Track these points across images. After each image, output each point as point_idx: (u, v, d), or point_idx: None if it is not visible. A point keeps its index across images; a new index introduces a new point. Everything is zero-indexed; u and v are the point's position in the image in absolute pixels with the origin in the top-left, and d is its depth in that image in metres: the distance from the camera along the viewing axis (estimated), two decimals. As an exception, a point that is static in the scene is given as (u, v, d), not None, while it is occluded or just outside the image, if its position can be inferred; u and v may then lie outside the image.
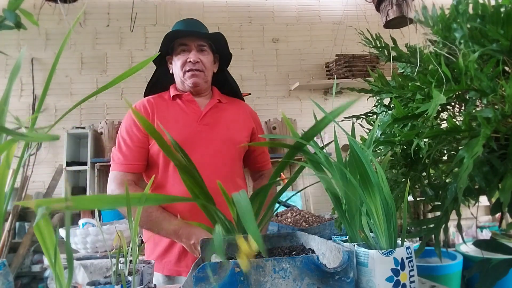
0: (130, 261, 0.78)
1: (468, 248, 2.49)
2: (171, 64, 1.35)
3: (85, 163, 2.99)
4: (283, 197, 3.11)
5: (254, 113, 1.45)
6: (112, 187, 1.19)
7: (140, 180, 1.27)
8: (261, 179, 1.44)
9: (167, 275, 1.22)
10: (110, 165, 1.27)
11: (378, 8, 2.60)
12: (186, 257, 1.19)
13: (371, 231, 0.68)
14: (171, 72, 1.37)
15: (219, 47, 1.34)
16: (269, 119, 3.30)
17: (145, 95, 1.41)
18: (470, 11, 0.74)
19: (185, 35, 1.28)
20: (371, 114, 1.01)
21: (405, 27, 2.58)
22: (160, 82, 1.40)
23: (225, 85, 1.43)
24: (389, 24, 2.56)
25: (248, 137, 1.34)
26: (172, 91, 1.34)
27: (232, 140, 1.28)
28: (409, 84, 0.79)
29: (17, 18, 0.51)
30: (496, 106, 0.66)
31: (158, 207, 1.16)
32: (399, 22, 2.53)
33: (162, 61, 1.36)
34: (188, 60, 1.26)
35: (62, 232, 1.60)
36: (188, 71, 1.27)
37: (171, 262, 1.20)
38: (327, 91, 3.62)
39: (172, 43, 1.31)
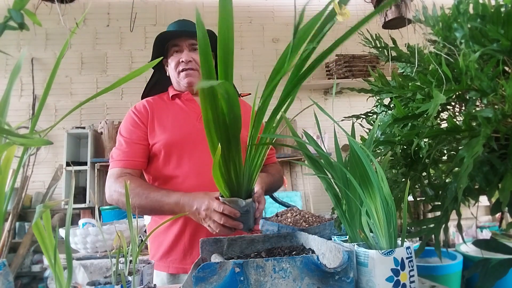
0: (130, 261, 0.78)
1: (468, 248, 2.49)
2: (168, 66, 1.36)
3: (85, 163, 2.99)
4: (283, 198, 3.11)
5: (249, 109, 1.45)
6: (110, 182, 1.18)
7: (139, 176, 1.25)
8: (269, 167, 1.40)
9: (172, 274, 1.22)
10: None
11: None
12: (191, 254, 1.19)
13: (371, 231, 0.68)
14: (167, 74, 1.38)
15: (213, 45, 1.33)
16: (269, 119, 3.30)
17: (142, 98, 1.41)
18: (471, 11, 0.74)
19: (175, 36, 1.28)
20: (371, 114, 1.00)
21: (404, 27, 2.58)
22: (158, 85, 1.42)
23: None
24: (387, 25, 2.56)
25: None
26: (171, 91, 1.35)
27: None
28: (409, 84, 0.79)
29: (23, 18, 0.51)
30: (496, 106, 0.66)
31: (154, 188, 1.15)
32: (398, 22, 2.53)
33: (159, 64, 1.36)
34: (180, 60, 1.27)
35: (62, 232, 1.60)
36: (182, 71, 1.28)
37: (177, 260, 1.20)
38: (327, 91, 3.62)
39: (166, 46, 1.31)
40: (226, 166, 0.77)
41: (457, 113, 0.81)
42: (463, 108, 0.79)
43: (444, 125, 0.79)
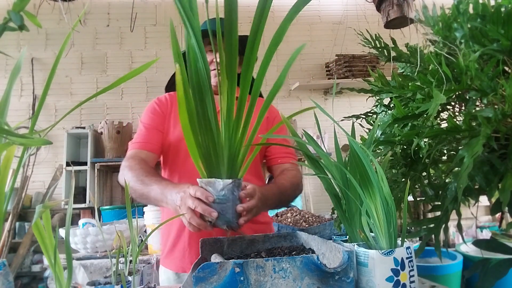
0: (130, 261, 0.78)
1: (468, 248, 2.49)
2: None
3: (85, 163, 2.99)
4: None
5: (275, 112, 1.39)
6: (122, 163, 1.16)
7: (153, 162, 1.22)
8: (281, 174, 1.25)
9: (176, 272, 1.22)
10: (110, 165, 1.26)
11: (378, 8, 2.60)
12: (190, 254, 1.19)
13: (371, 231, 0.68)
14: None
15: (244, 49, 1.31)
16: (269, 119, 3.31)
17: (166, 90, 1.41)
18: (471, 11, 0.74)
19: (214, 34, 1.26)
20: (371, 114, 1.00)
21: (406, 27, 2.58)
22: None
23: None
24: (389, 24, 2.55)
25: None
26: None
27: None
28: (409, 84, 0.79)
29: (22, 20, 0.51)
30: (496, 106, 0.66)
31: (154, 174, 1.09)
32: (400, 22, 2.52)
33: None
34: (213, 60, 1.25)
35: (62, 232, 1.60)
36: (213, 70, 1.26)
37: (177, 258, 1.21)
38: (327, 91, 3.62)
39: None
40: (200, 129, 0.72)
41: (457, 113, 0.81)
42: (463, 108, 0.79)
43: (444, 125, 0.79)
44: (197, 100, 0.73)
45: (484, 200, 0.74)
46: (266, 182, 1.46)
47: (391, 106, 0.95)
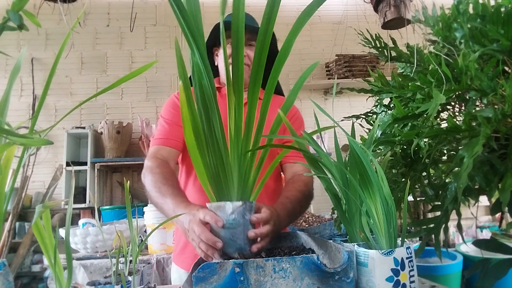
0: (130, 261, 0.78)
1: (468, 248, 2.48)
2: (217, 56, 1.32)
3: (85, 163, 2.99)
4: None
5: (293, 111, 1.35)
6: (145, 161, 1.14)
7: (175, 159, 1.21)
8: (292, 182, 1.16)
9: (187, 271, 1.22)
10: (110, 165, 1.25)
11: (376, 9, 2.61)
12: None
13: (371, 231, 0.68)
14: (216, 64, 1.33)
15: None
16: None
17: None
18: (471, 11, 0.74)
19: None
20: (371, 114, 1.00)
21: (403, 28, 2.58)
22: None
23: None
24: (387, 25, 2.56)
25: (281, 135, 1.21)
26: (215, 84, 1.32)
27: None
28: (409, 84, 0.79)
29: (21, 20, 0.51)
30: (496, 106, 0.66)
31: (172, 181, 1.04)
32: (397, 23, 2.53)
33: (208, 52, 1.31)
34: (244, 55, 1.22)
35: (62, 232, 1.60)
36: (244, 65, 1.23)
37: (189, 258, 1.20)
38: (327, 91, 3.62)
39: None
40: (208, 148, 0.69)
41: (457, 113, 0.81)
42: (463, 108, 0.79)
43: (444, 125, 0.79)
44: (203, 118, 0.69)
45: (484, 200, 0.74)
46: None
47: (391, 106, 0.95)
